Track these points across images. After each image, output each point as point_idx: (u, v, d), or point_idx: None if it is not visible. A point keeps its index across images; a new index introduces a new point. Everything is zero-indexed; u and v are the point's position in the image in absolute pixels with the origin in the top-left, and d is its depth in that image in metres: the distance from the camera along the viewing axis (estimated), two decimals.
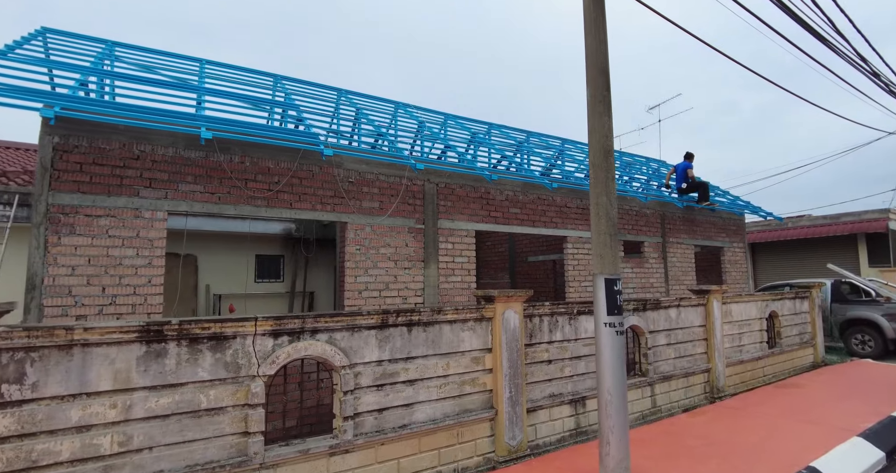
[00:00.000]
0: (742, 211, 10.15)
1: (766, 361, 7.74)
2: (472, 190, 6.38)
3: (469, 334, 4.41)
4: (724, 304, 7.06)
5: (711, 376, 6.64)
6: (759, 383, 7.47)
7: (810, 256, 14.04)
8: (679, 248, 8.93)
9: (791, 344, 8.43)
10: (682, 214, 9.16)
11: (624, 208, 8.18)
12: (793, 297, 8.66)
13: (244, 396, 3.36)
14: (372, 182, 5.63)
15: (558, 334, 5.06)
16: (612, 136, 3.66)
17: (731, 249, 10.08)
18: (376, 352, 3.90)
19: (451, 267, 6.06)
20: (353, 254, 5.40)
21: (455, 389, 4.27)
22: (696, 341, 6.58)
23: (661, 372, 6.00)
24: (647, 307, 5.93)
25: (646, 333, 5.86)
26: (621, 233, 8.05)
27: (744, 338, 7.41)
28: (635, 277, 8.11)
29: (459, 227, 6.19)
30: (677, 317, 6.33)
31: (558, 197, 7.28)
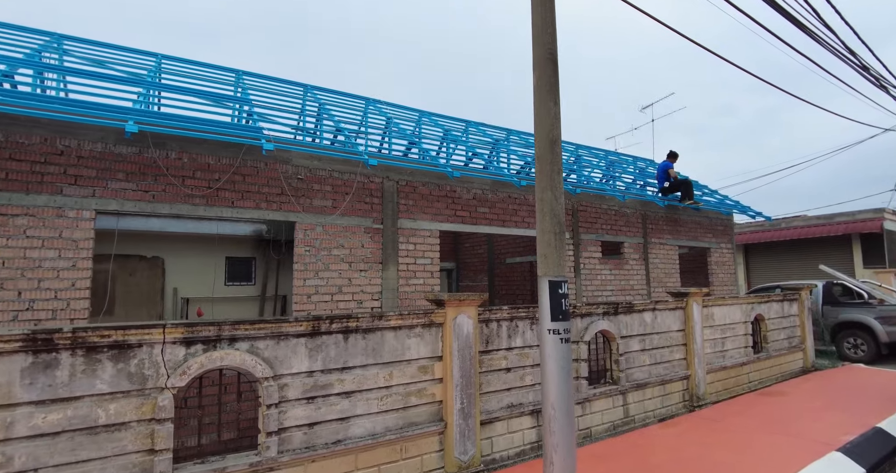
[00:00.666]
0: (730, 210, 9.82)
1: (752, 367, 7.39)
2: (436, 188, 6.07)
3: (416, 341, 4.09)
4: (705, 307, 6.72)
5: (691, 383, 6.30)
6: (743, 390, 7.12)
7: (804, 257, 13.68)
8: (662, 249, 8.60)
9: (779, 348, 8.08)
10: (665, 214, 8.84)
11: (602, 207, 7.86)
12: (781, 300, 8.31)
13: (150, 410, 3.05)
14: (324, 179, 5.33)
15: (518, 340, 4.74)
16: (559, 125, 3.35)
17: (718, 250, 9.74)
18: (306, 362, 3.58)
19: (413, 269, 5.74)
20: (301, 256, 5.09)
21: (399, 401, 3.95)
22: (675, 346, 6.24)
23: (635, 380, 5.66)
24: (620, 310, 5.60)
25: (617, 338, 5.53)
26: (599, 233, 7.74)
27: (727, 343, 7.07)
28: (614, 279, 7.77)
29: (422, 227, 5.88)
30: (653, 322, 6.00)
31: (530, 196, 6.96)
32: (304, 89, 7.65)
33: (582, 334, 5.21)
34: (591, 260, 7.54)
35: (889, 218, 12.27)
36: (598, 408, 5.26)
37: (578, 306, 5.18)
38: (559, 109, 3.38)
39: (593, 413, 5.22)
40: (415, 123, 8.01)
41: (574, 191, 6.74)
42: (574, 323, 5.17)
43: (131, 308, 8.68)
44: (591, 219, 7.64)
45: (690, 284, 10.80)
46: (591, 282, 7.45)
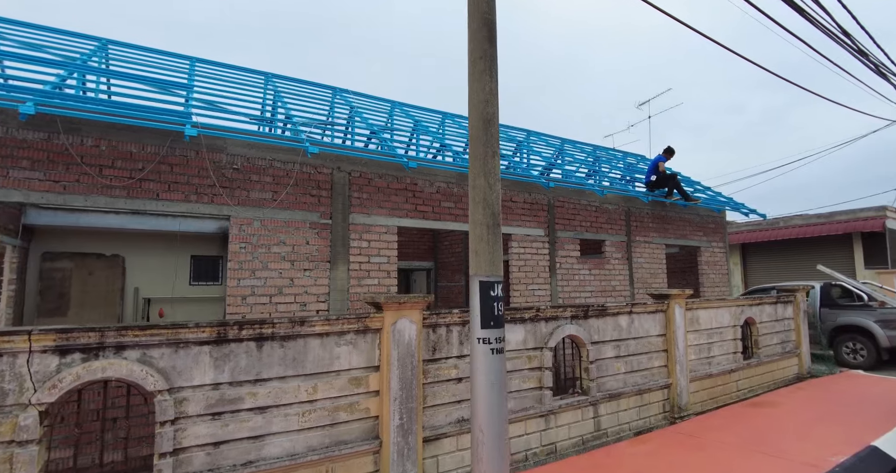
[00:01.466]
0: (721, 208, 9.32)
1: (741, 374, 6.90)
2: (394, 180, 5.63)
3: (347, 350, 3.64)
4: (689, 310, 6.24)
5: (672, 393, 5.82)
6: (731, 399, 6.63)
7: (804, 257, 13.15)
8: (647, 248, 8.12)
9: (771, 354, 7.58)
10: (650, 211, 8.35)
11: (582, 203, 7.39)
12: (774, 302, 7.82)
13: (9, 431, 2.61)
14: (263, 169, 4.89)
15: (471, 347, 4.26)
16: (495, 102, 2.89)
17: (709, 249, 9.25)
18: (211, 373, 3.14)
19: (366, 268, 5.29)
20: (236, 253, 4.65)
21: (326, 417, 3.50)
22: (654, 353, 5.77)
23: (608, 390, 5.19)
24: (591, 314, 5.13)
25: (587, 344, 5.06)
26: (578, 230, 7.27)
27: (713, 349, 6.58)
28: (594, 279, 7.30)
29: (378, 223, 5.43)
30: (629, 326, 5.52)
31: (503, 190, 6.49)
32: (265, 78, 7.23)
33: (546, 340, 4.75)
34: (569, 259, 7.07)
35: (892, 216, 11.74)
36: (564, 421, 4.80)
37: (543, 309, 4.72)
38: (496, 85, 2.92)
39: (559, 427, 4.76)
40: (387, 114, 7.57)
41: (547, 185, 6.28)
42: (537, 328, 4.71)
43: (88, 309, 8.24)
44: (568, 215, 7.17)
45: (681, 285, 10.31)
46: (568, 283, 6.98)
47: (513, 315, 4.56)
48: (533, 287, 6.59)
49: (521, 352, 4.61)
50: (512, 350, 4.54)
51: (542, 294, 6.66)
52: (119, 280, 8.97)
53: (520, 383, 4.55)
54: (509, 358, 4.50)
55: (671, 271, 10.58)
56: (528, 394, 4.60)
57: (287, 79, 7.39)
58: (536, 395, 4.65)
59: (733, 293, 9.71)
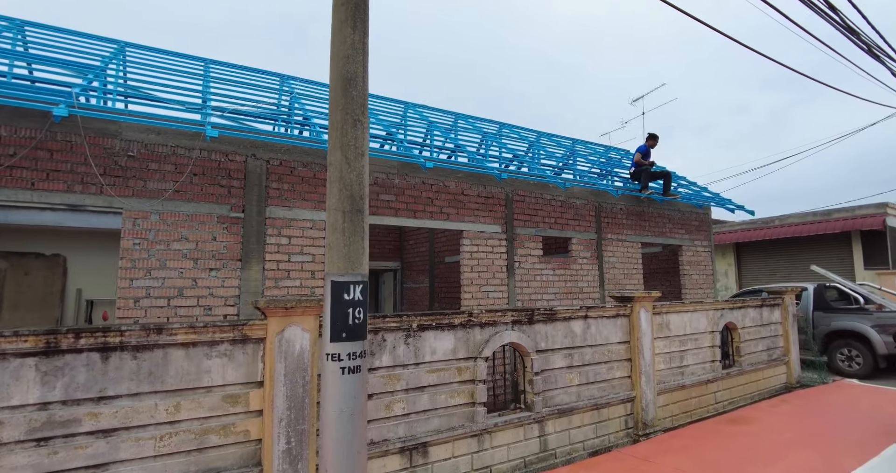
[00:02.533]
0: (703, 204, 8.71)
1: (720, 384, 6.31)
2: (322, 169, 5.11)
3: (221, 362, 3.11)
4: (657, 314, 5.67)
5: (636, 407, 5.24)
6: (707, 413, 6.05)
7: (800, 257, 12.50)
8: (621, 246, 7.55)
9: (756, 362, 6.98)
10: (625, 206, 7.78)
11: (545, 197, 6.83)
12: (759, 305, 7.22)
13: None
14: (165, 157, 4.38)
15: (386, 358, 3.74)
16: (359, 59, 2.36)
17: (692, 248, 8.65)
18: (37, 391, 2.63)
19: (286, 268, 4.77)
20: (129, 251, 4.15)
21: (191, 441, 2.98)
22: (615, 362, 5.20)
23: (557, 405, 4.63)
24: (536, 319, 4.58)
25: (532, 353, 4.50)
26: (541, 227, 6.71)
27: (687, 357, 6.00)
28: (558, 280, 6.73)
29: (301, 217, 4.91)
30: (585, 332, 4.96)
31: (453, 182, 5.96)
32: (205, 64, 6.76)
33: (480, 348, 4.20)
34: (530, 258, 6.51)
35: (892, 213, 11.09)
36: (502, 441, 4.24)
37: (477, 313, 4.17)
38: (361, 38, 2.40)
39: (496, 448, 4.20)
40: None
41: (499, 177, 5.73)
42: (470, 335, 4.16)
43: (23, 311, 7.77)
44: (529, 210, 6.61)
45: (664, 287, 9.72)
46: (529, 284, 6.42)
47: (439, 320, 4.01)
48: (487, 289, 6.04)
49: (450, 363, 4.07)
50: (438, 360, 4.00)
51: (497, 296, 6.10)
52: (59, 281, 8.45)
53: (447, 398, 4.01)
54: (432, 370, 3.96)
55: (654, 271, 9.99)
56: (456, 411, 4.05)
57: (229, 65, 6.92)
58: (467, 412, 4.10)
59: (719, 295, 9.09)
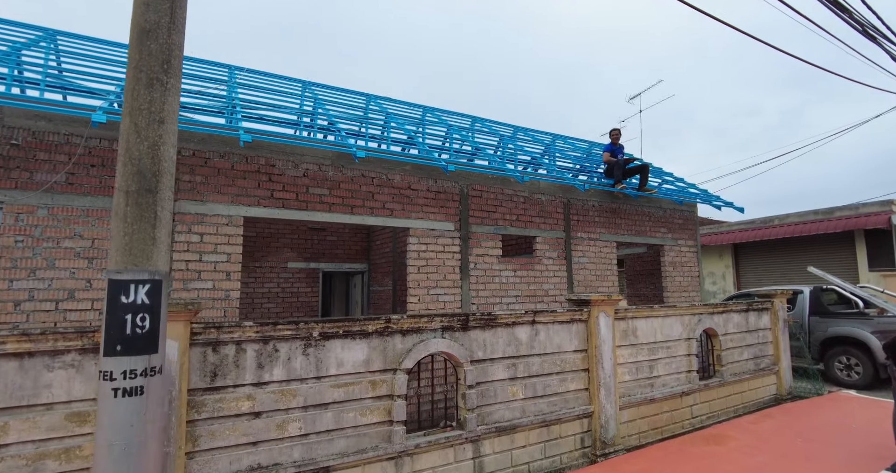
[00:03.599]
0: (685, 200, 8.11)
1: (697, 397, 5.72)
2: (242, 160, 4.66)
3: (66, 375, 2.70)
4: (621, 320, 5.13)
5: (594, 423, 4.69)
6: (681, 429, 5.48)
7: (801, 258, 11.81)
8: (593, 246, 6.99)
9: (740, 372, 6.38)
10: (598, 203, 7.23)
11: (506, 193, 6.32)
12: (744, 310, 6.61)
13: None
14: (56, 146, 3.96)
15: (279, 371, 3.25)
16: (164, 8, 1.88)
17: (675, 248, 8.06)
18: None
19: (197, 268, 4.31)
20: (9, 249, 3.73)
21: (23, 467, 2.51)
22: (569, 373, 4.66)
23: (497, 421, 4.10)
24: (472, 325, 4.06)
25: (466, 364, 3.98)
26: (500, 225, 6.19)
27: (658, 367, 5.43)
28: (519, 282, 6.20)
29: (215, 212, 4.46)
30: (532, 340, 4.43)
31: (398, 175, 5.48)
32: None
33: (401, 359, 3.69)
34: (487, 258, 5.99)
35: None
36: (426, 465, 3.73)
37: (396, 319, 3.67)
38: None
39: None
40: (274, 92, 6.61)
41: (446, 168, 5.23)
42: (388, 343, 3.66)
43: None
44: (487, 206, 6.10)
45: (648, 289, 9.12)
46: (485, 287, 5.90)
47: (348, 328, 3.52)
48: (437, 291, 5.53)
49: (362, 377, 3.57)
50: (347, 373, 3.51)
51: (448, 299, 5.59)
52: None
53: (357, 416, 3.50)
54: (338, 384, 3.46)
55: (639, 273, 9.40)
56: (368, 431, 3.54)
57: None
58: (383, 432, 3.59)
59: (714, 298, 8.48)
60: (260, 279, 7.95)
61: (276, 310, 7.99)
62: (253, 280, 7.89)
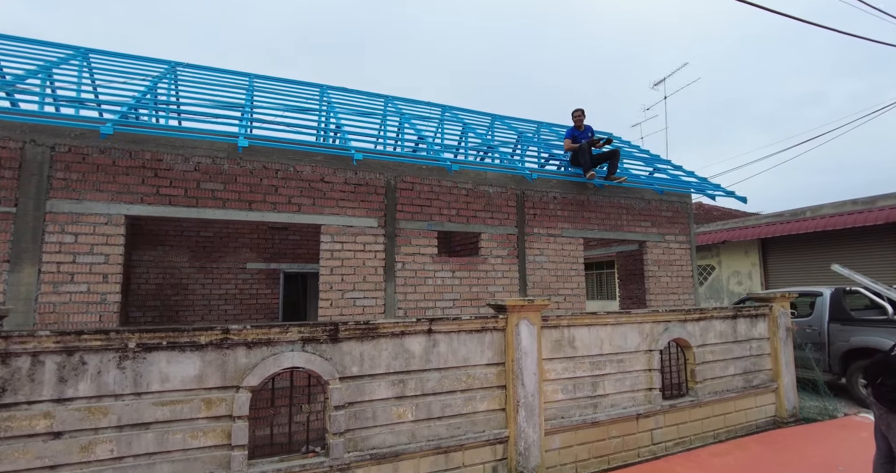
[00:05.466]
0: (667, 188, 7.09)
1: (660, 420, 4.90)
2: (125, 155, 4.38)
3: None
4: (553, 328, 4.42)
5: (510, 450, 4.02)
6: (638, 456, 4.72)
7: (836, 254, 10.28)
8: (553, 243, 6.22)
9: (723, 390, 5.44)
10: (561, 194, 6.44)
11: (445, 185, 5.71)
12: (731, 317, 5.65)
13: None
14: None
15: (87, 386, 2.91)
16: None
17: (661, 244, 7.10)
18: None
19: (70, 270, 4.07)
20: None
21: None
22: (478, 391, 4.04)
23: (376, 447, 3.57)
24: (343, 335, 3.56)
25: (333, 381, 3.47)
26: (436, 220, 5.59)
27: (605, 384, 4.66)
28: (458, 285, 5.58)
29: (93, 211, 4.20)
30: (428, 352, 3.85)
31: (309, 167, 5.04)
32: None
33: (244, 375, 3.24)
34: (419, 257, 5.42)
35: None
36: None
37: (239, 329, 3.22)
38: None
39: None
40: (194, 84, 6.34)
41: (354, 158, 4.68)
42: (229, 357, 3.23)
43: None
44: (420, 200, 5.53)
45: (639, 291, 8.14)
46: (416, 290, 5.34)
47: (174, 338, 3.11)
48: (354, 295, 5.04)
49: (194, 394, 3.15)
50: (175, 390, 3.10)
51: (368, 304, 5.08)
52: None
53: (186, 439, 3.09)
54: (169, 401, 3.06)
55: (631, 273, 8.44)
56: (201, 456, 3.12)
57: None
58: (219, 457, 3.15)
59: (732, 300, 7.43)
60: (217, 280, 7.79)
61: (234, 312, 7.80)
62: (210, 281, 7.73)
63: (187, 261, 7.60)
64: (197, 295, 7.63)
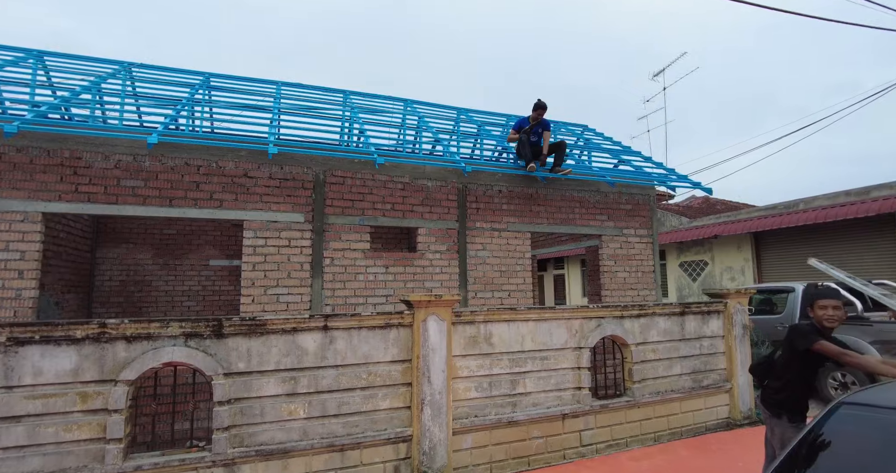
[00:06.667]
0: (620, 180, 6.82)
1: (590, 420, 4.75)
2: (42, 154, 4.48)
3: None
4: (468, 324, 4.32)
5: (414, 449, 3.96)
6: (563, 459, 4.59)
7: (831, 248, 9.77)
8: (497, 237, 6.09)
9: (667, 390, 5.25)
10: (507, 187, 6.29)
11: (379, 179, 5.65)
12: (676, 313, 5.43)
13: None
14: None
15: None
16: None
17: (618, 238, 6.86)
18: None
19: None
20: None
21: None
22: (381, 388, 4.00)
23: (264, 444, 3.57)
24: (229, 331, 3.55)
25: (218, 377, 3.48)
26: (368, 215, 5.54)
27: (527, 382, 4.55)
28: (392, 281, 5.52)
29: (10, 209, 4.34)
30: (324, 349, 3.83)
31: (232, 162, 5.05)
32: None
33: (120, 370, 3.27)
34: (349, 253, 5.38)
35: None
36: None
37: (115, 323, 3.26)
38: None
39: None
40: None
41: (269, 152, 4.67)
42: (107, 352, 3.28)
43: None
44: (351, 195, 5.48)
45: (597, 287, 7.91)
46: (345, 286, 5.31)
47: (48, 332, 3.16)
48: (277, 291, 5.04)
49: (69, 387, 3.20)
50: (48, 383, 3.15)
51: (293, 300, 5.08)
52: None
53: (59, 432, 3.14)
54: (42, 395, 3.12)
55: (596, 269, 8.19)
56: (75, 449, 3.17)
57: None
58: (93, 450, 3.20)
59: (661, 299, 7.17)
60: (180, 277, 7.94)
61: (197, 308, 7.94)
62: (173, 278, 7.89)
63: (151, 259, 7.76)
64: (160, 292, 7.79)
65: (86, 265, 7.31)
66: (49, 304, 6.09)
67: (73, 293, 6.80)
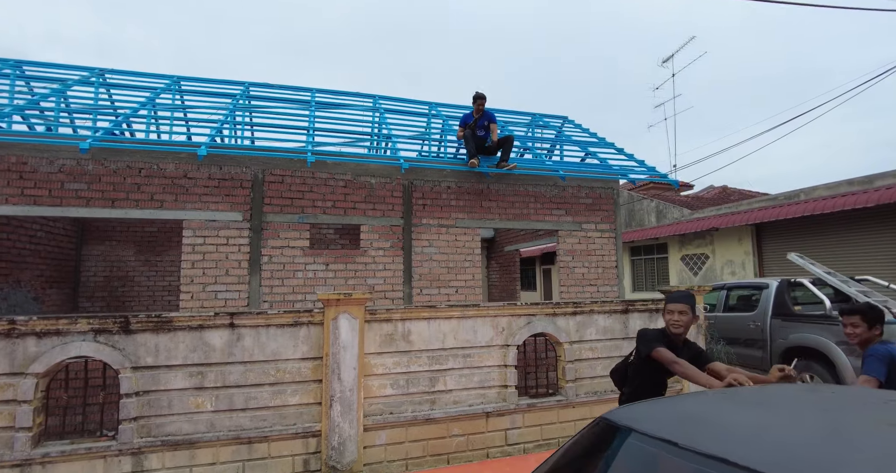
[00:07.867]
0: (570, 174, 6.61)
1: (517, 419, 4.76)
2: None
3: None
4: (385, 321, 4.39)
5: (323, 444, 4.09)
6: (486, 457, 4.60)
7: (833, 240, 9.18)
8: (445, 234, 6.09)
9: (608, 390, 5.15)
10: (457, 183, 6.26)
11: (319, 177, 5.75)
12: (619, 311, 5.31)
13: None
14: None
15: None
16: None
17: (576, 233, 6.71)
18: None
19: None
20: None
21: None
22: (289, 384, 4.15)
23: (171, 434, 3.81)
24: (135, 327, 3.77)
25: (123, 371, 3.71)
26: (308, 213, 5.65)
27: (447, 380, 4.59)
28: (333, 278, 5.63)
29: None
30: (231, 345, 4.00)
31: (172, 164, 5.26)
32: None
33: (29, 363, 3.52)
34: (288, 250, 5.52)
35: None
36: None
37: (24, 320, 3.52)
38: None
39: None
40: None
41: (200, 153, 4.81)
42: (18, 346, 3.54)
43: None
44: (290, 193, 5.61)
45: None
46: (284, 283, 5.46)
47: None
48: (216, 288, 5.24)
49: None
50: None
51: (231, 297, 5.28)
52: None
53: None
54: None
55: None
56: None
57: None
58: (4, 439, 3.47)
59: (624, 294, 6.97)
60: (161, 272, 8.35)
61: (177, 303, 8.34)
62: (154, 274, 8.31)
63: (133, 255, 8.21)
64: (142, 287, 8.24)
65: (70, 262, 7.82)
66: (27, 299, 6.57)
67: (56, 288, 7.29)
